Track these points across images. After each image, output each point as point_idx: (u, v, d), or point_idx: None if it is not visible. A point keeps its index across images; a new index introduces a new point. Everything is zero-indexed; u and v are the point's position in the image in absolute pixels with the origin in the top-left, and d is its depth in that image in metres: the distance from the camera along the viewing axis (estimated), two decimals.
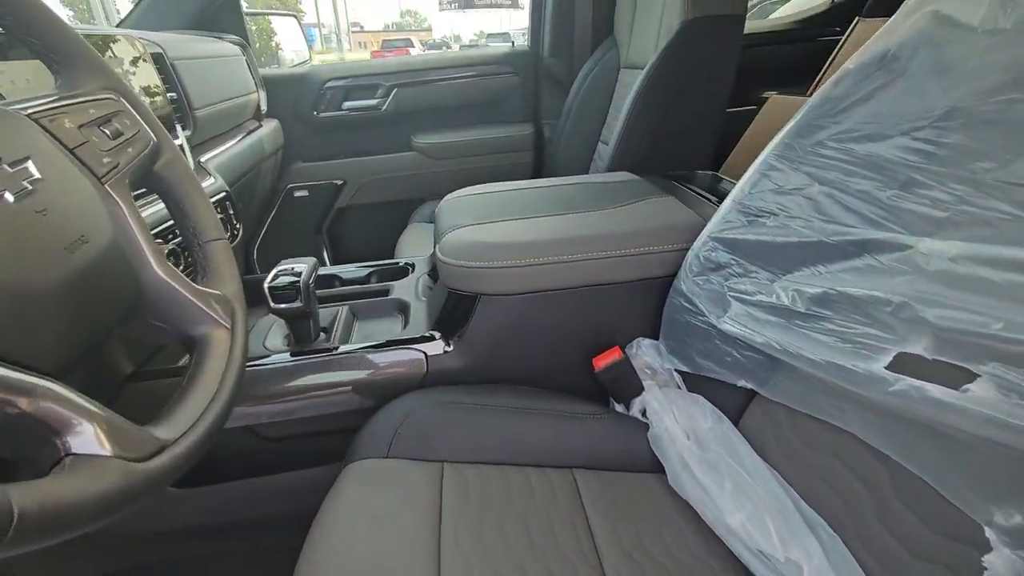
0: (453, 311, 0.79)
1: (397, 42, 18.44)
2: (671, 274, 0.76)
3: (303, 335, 0.80)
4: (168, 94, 0.94)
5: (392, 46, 17.78)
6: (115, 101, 0.45)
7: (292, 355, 0.78)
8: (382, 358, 0.78)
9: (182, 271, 0.52)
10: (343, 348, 0.78)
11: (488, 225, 0.78)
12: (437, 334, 0.79)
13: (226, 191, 0.97)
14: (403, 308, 0.90)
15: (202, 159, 1.03)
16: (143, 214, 0.43)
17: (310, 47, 2.17)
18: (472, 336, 0.77)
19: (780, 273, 0.60)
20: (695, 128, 1.13)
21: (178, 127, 0.92)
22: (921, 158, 0.50)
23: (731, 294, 0.65)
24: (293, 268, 0.78)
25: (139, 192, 0.68)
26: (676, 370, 0.75)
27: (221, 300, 0.47)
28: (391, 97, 1.61)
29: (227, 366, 0.43)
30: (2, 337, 0.29)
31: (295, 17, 1.87)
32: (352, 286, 1.00)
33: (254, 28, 1.99)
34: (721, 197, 0.92)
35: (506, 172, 1.74)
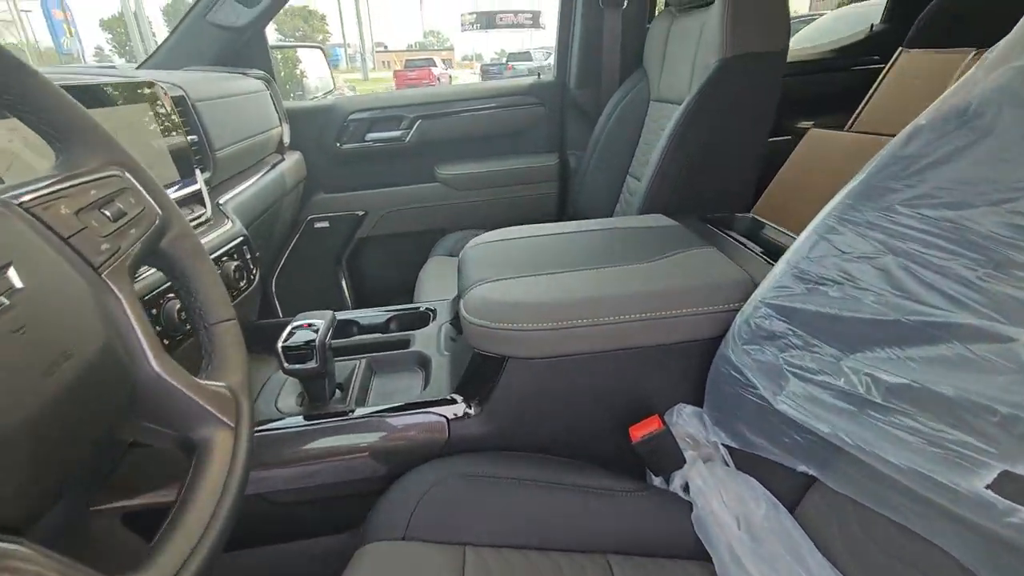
0: (477, 373, 0.74)
1: (419, 61, 18.71)
2: (715, 336, 0.69)
3: (318, 395, 0.76)
4: (188, 137, 0.92)
5: (414, 65, 18.06)
6: (119, 178, 0.41)
7: (306, 418, 0.73)
8: (401, 422, 0.73)
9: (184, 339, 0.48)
10: (359, 411, 0.73)
11: (515, 280, 0.73)
12: (459, 397, 0.74)
13: (244, 236, 0.94)
14: (424, 363, 0.85)
15: (221, 200, 1.01)
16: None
17: (335, 67, 2.18)
18: (498, 401, 0.72)
19: (847, 351, 0.54)
20: (732, 169, 1.08)
21: (197, 171, 0.90)
22: (1018, 234, 0.44)
23: (788, 368, 0.58)
24: (309, 324, 0.74)
25: None
26: (723, 444, 0.69)
27: (225, 396, 0.43)
28: (414, 128, 1.59)
29: (229, 475, 0.38)
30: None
31: (321, 49, 1.87)
32: (371, 334, 0.96)
33: (280, 57, 2.00)
34: (765, 246, 0.86)
35: (530, 203, 1.70)
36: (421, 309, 1.01)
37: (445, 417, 0.72)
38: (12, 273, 0.29)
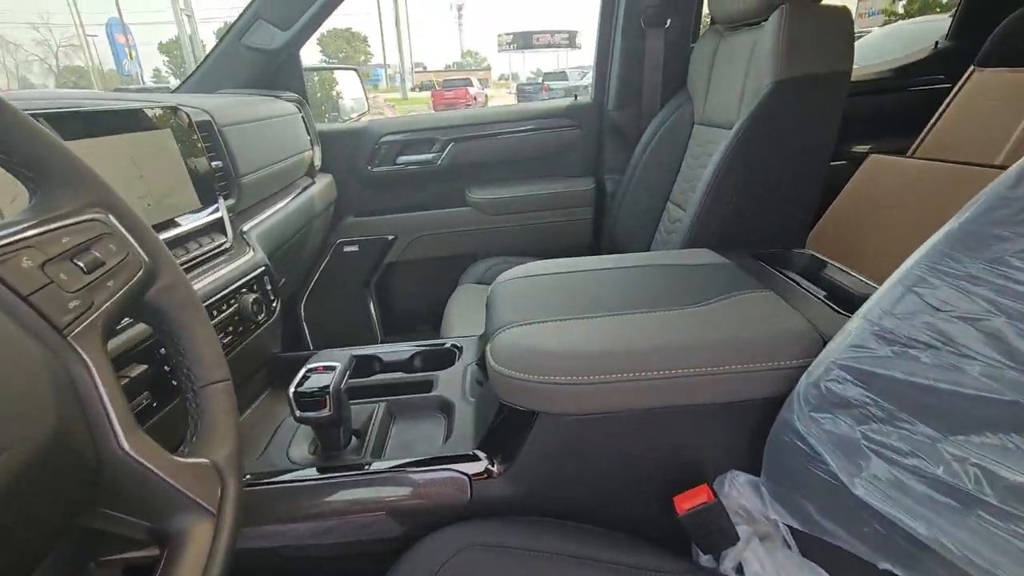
0: (504, 427, 0.67)
1: (456, 81, 19.06)
2: (775, 396, 0.61)
3: (332, 444, 0.70)
4: (213, 163, 0.90)
5: (451, 85, 18.40)
6: (100, 222, 0.37)
7: (319, 470, 0.68)
8: (420, 478, 0.66)
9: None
10: (376, 465, 0.67)
11: (548, 325, 0.66)
12: (483, 454, 0.67)
13: (265, 266, 0.90)
14: (446, 409, 0.79)
15: (245, 227, 0.98)
16: None
17: (376, 87, 2.18)
18: (525, 460, 0.65)
19: (947, 433, 0.45)
20: (787, 200, 0.99)
21: (220, 198, 0.87)
22: None
23: (869, 446, 0.49)
24: (325, 367, 0.69)
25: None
26: (783, 523, 0.59)
27: (208, 475, 0.37)
28: (447, 151, 1.55)
29: (205, 573, 0.32)
30: None
31: (355, 71, 1.87)
32: (393, 372, 0.90)
33: (317, 79, 2.01)
34: (828, 289, 0.76)
35: (564, 229, 1.63)
36: (446, 346, 0.95)
37: (467, 475, 0.66)
38: None
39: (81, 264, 0.34)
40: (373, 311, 1.72)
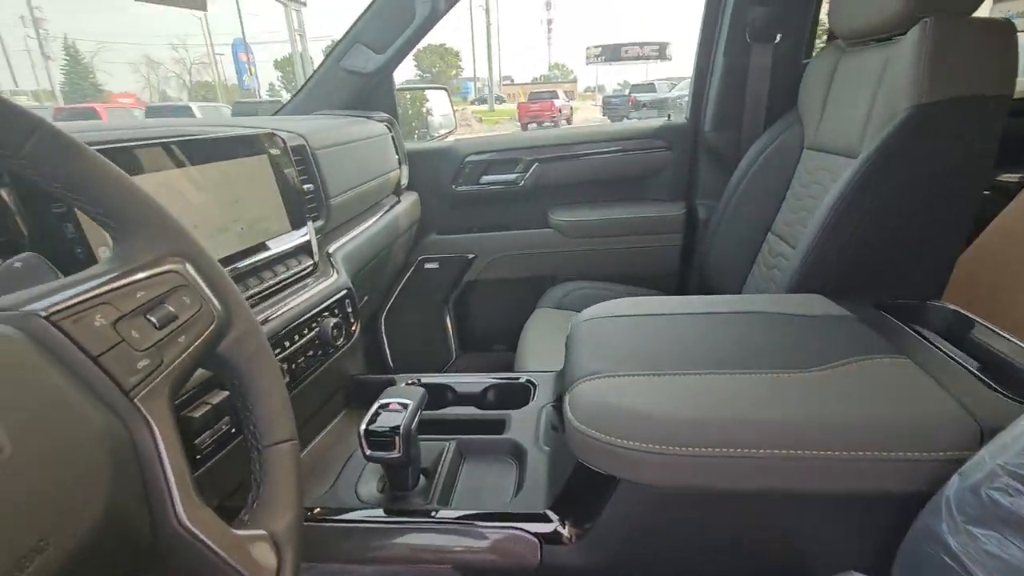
0: (580, 488, 0.61)
1: (542, 94, 19.17)
2: (914, 492, 0.50)
3: (400, 484, 0.68)
4: (305, 185, 0.92)
5: (538, 97, 18.54)
6: (176, 273, 0.36)
7: (386, 512, 0.65)
8: (487, 534, 0.62)
9: None
10: (443, 514, 0.64)
11: (636, 379, 0.60)
12: (555, 516, 0.62)
13: (347, 289, 0.90)
14: (518, 455, 0.74)
15: (331, 248, 0.99)
16: None
17: (465, 99, 2.21)
18: (603, 529, 0.58)
19: None
20: (923, 241, 0.85)
21: (309, 221, 0.89)
22: None
23: None
24: (396, 405, 0.66)
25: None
26: None
27: (265, 550, 0.35)
28: (530, 172, 1.52)
29: None
30: None
31: (445, 90, 1.89)
32: (465, 407, 0.87)
33: (409, 97, 2.07)
34: (982, 358, 0.64)
35: (650, 256, 1.54)
36: (521, 381, 0.91)
37: (538, 537, 0.60)
38: None
39: (154, 319, 0.33)
40: (450, 327, 1.72)
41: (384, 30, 1.28)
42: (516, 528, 0.61)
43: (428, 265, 1.63)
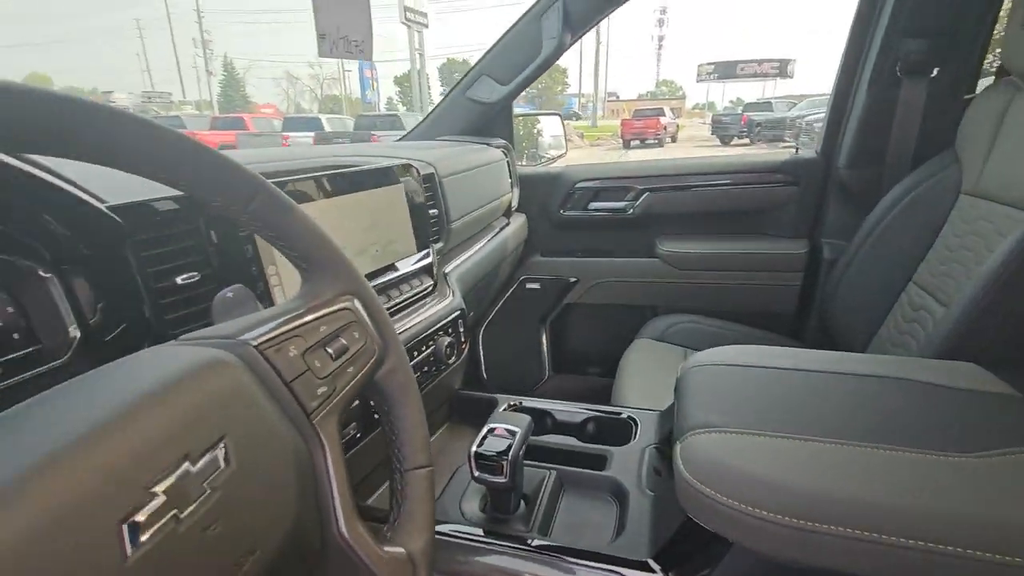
0: (688, 544, 0.59)
1: (647, 111, 18.74)
2: None
3: (502, 506, 0.70)
4: (431, 211, 0.98)
5: (643, 115, 18.19)
6: (349, 311, 0.41)
7: (486, 532, 0.68)
8: (586, 572, 0.62)
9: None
10: (540, 542, 0.65)
11: (758, 439, 0.57)
12: (658, 567, 0.60)
13: (461, 309, 0.95)
14: (619, 495, 0.73)
15: (447, 269, 1.05)
16: None
17: (569, 113, 2.24)
18: None
19: None
20: None
21: (431, 244, 0.95)
22: None
23: None
24: (505, 431, 0.69)
25: None
26: None
27: (404, 567, 0.38)
28: (641, 200, 1.51)
29: None
30: None
31: (559, 116, 1.93)
32: (565, 435, 0.87)
33: (521, 120, 2.13)
34: None
35: (764, 295, 1.46)
36: (622, 416, 0.89)
37: None
38: (221, 453, 0.27)
39: (331, 351, 0.38)
40: (545, 348, 1.73)
41: (510, 63, 1.34)
42: (616, 572, 0.60)
43: (530, 285, 1.66)
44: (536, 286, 1.66)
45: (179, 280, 0.54)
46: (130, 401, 0.25)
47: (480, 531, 0.68)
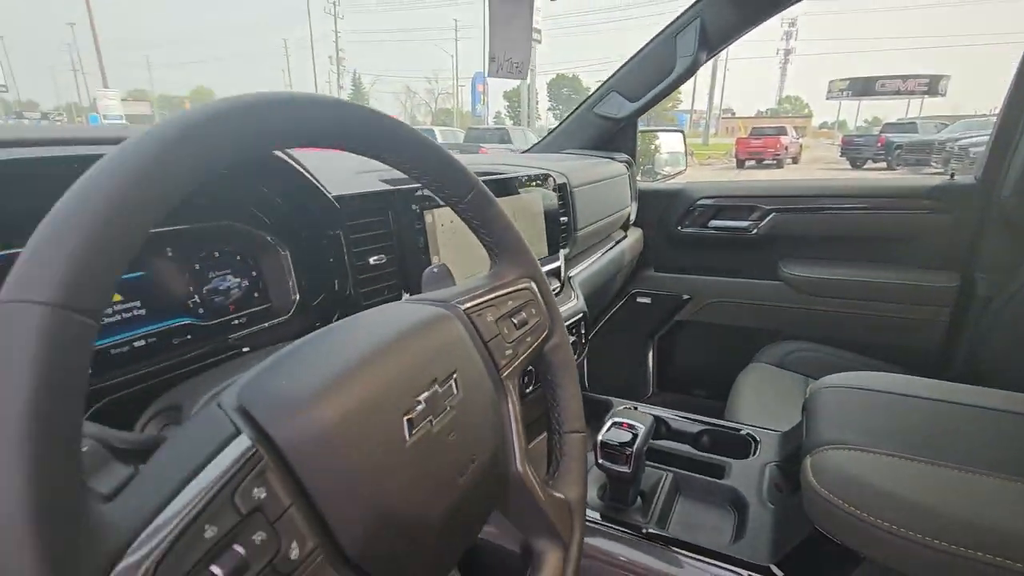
0: (814, 555, 0.60)
1: (767, 129, 17.55)
2: None
3: (620, 497, 0.74)
4: (562, 218, 1.05)
5: (761, 133, 17.13)
6: (528, 290, 0.48)
7: (603, 516, 0.72)
8: (705, 568, 0.64)
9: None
10: (655, 531, 0.68)
11: (896, 460, 0.56)
12: (781, 574, 0.61)
13: (583, 312, 1.01)
14: (739, 505, 0.74)
15: (571, 273, 1.11)
16: None
17: (679, 129, 2.22)
18: None
19: None
20: None
21: (560, 249, 1.01)
22: None
23: None
24: (629, 425, 0.73)
25: None
26: None
27: (564, 511, 0.45)
28: (765, 221, 1.47)
29: None
30: (388, 561, 0.30)
31: (681, 132, 1.93)
32: (680, 443, 0.89)
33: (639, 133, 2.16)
34: None
35: (903, 329, 1.36)
36: (741, 433, 0.89)
37: None
38: (455, 381, 0.35)
39: (515, 322, 0.45)
40: (651, 363, 1.73)
41: (640, 81, 1.39)
42: (735, 572, 0.62)
43: (640, 299, 1.68)
44: (647, 300, 1.67)
45: (371, 260, 0.65)
46: (397, 334, 0.34)
47: (597, 515, 0.73)
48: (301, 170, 0.56)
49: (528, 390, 0.79)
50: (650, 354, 1.73)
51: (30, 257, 0.20)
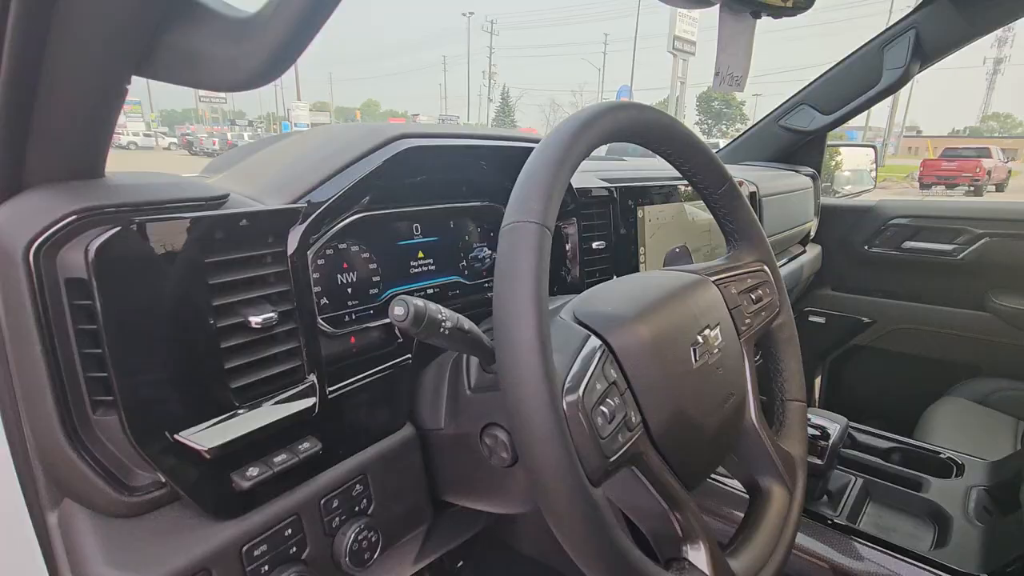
0: None
1: (965, 151, 14.90)
2: None
3: (809, 489, 0.76)
4: None
5: (956, 155, 14.68)
6: (763, 272, 0.56)
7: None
8: (901, 569, 0.65)
9: None
10: (843, 522, 0.70)
11: None
12: None
13: None
14: (939, 518, 0.72)
15: None
16: None
17: (870, 145, 2.07)
18: None
19: None
20: None
21: None
22: None
23: None
24: (821, 425, 0.75)
25: None
26: None
27: (790, 460, 0.51)
28: (976, 246, 1.34)
29: (784, 526, 0.46)
30: (675, 451, 0.39)
31: (874, 148, 1.82)
32: (865, 454, 0.88)
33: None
34: None
35: None
36: (942, 456, 0.86)
37: None
38: (719, 329, 0.45)
39: (752, 297, 0.53)
40: (818, 389, 1.66)
41: (835, 93, 1.36)
42: (936, 574, 0.62)
43: (813, 318, 1.61)
44: (820, 320, 1.61)
45: (594, 245, 0.77)
46: (680, 287, 0.46)
47: None
48: None
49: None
50: (820, 376, 1.65)
51: (523, 193, 0.34)
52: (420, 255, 0.64)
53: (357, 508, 0.45)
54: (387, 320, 0.53)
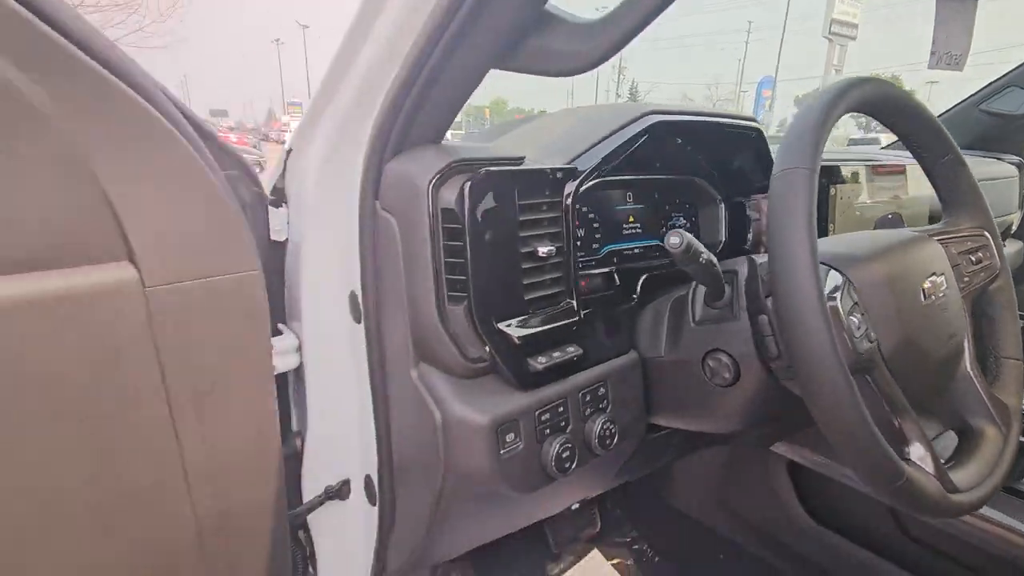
0: None
1: None
2: None
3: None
4: None
5: None
6: (983, 237, 0.59)
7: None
8: None
9: None
10: None
11: None
12: None
13: None
14: None
15: None
16: None
17: None
18: None
19: None
20: None
21: None
22: None
23: None
24: None
25: None
26: None
27: (1004, 408, 0.54)
28: None
29: (1000, 459, 0.50)
30: (902, 372, 0.46)
31: None
32: None
33: None
34: None
35: None
36: None
37: None
38: (944, 278, 0.50)
39: (972, 259, 0.57)
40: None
41: None
42: None
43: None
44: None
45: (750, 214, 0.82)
46: (911, 238, 0.52)
47: None
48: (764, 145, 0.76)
49: None
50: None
51: (794, 144, 0.42)
52: (631, 219, 0.74)
53: (600, 406, 0.57)
54: (606, 269, 0.64)
